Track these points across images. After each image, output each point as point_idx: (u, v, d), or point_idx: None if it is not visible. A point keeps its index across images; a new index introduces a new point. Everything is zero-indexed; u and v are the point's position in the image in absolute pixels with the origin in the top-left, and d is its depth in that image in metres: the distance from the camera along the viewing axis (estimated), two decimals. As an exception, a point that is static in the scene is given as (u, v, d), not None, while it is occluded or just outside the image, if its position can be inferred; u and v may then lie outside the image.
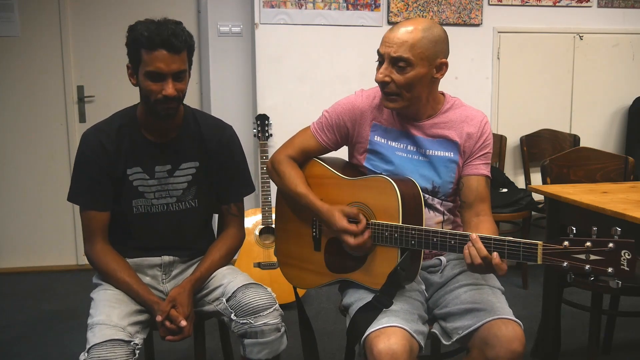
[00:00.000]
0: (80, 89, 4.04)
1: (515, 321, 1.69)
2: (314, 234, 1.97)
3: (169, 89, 1.81)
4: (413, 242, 1.71)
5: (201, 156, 2.00)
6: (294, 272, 2.07)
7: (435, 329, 1.83)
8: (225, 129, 2.06)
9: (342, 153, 2.07)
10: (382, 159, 1.90)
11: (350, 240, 1.78)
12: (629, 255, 1.40)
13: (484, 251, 1.56)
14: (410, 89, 1.79)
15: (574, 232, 1.47)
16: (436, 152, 1.88)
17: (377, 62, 1.83)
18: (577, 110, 4.21)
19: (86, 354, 1.71)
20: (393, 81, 1.78)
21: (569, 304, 2.69)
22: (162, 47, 1.78)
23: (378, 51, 1.82)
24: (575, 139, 3.95)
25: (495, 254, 1.55)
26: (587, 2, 4.12)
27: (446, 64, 1.82)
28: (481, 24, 4.01)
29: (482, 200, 1.87)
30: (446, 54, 1.82)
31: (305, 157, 2.01)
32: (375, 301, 1.74)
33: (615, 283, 1.42)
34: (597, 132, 4.26)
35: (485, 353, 1.66)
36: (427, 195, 1.87)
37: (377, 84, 1.86)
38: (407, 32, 1.76)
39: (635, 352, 2.93)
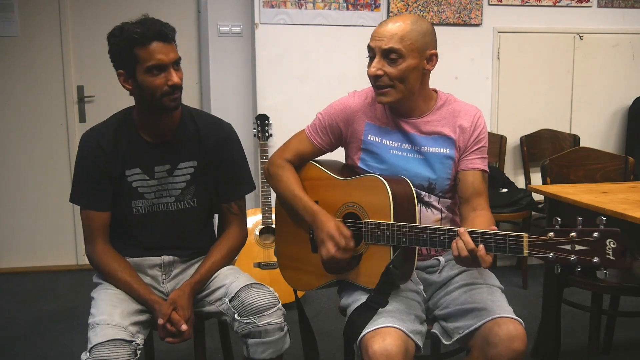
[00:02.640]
0: (80, 89, 4.04)
1: (516, 320, 1.69)
2: (311, 235, 1.96)
3: (174, 77, 1.83)
4: (404, 239, 1.71)
5: (199, 155, 2.00)
6: (292, 274, 2.07)
7: (436, 329, 1.83)
8: (223, 127, 2.06)
9: (339, 155, 2.07)
10: (376, 159, 1.90)
11: (332, 248, 1.79)
12: (614, 244, 1.38)
13: (471, 244, 1.56)
14: (403, 80, 1.80)
15: (559, 222, 1.45)
16: (431, 149, 1.88)
17: (368, 58, 1.84)
18: (577, 110, 4.21)
19: (88, 354, 1.71)
20: (386, 74, 1.79)
21: (569, 304, 2.69)
22: (156, 39, 1.80)
23: (368, 46, 1.83)
24: (575, 139, 3.95)
25: (481, 246, 1.55)
26: (587, 2, 4.12)
27: (436, 55, 1.84)
28: (481, 24, 4.01)
29: (479, 194, 1.87)
30: (435, 45, 1.84)
31: (301, 160, 2.02)
32: (370, 301, 1.74)
33: (602, 273, 1.41)
34: (597, 132, 4.26)
35: (486, 352, 1.66)
36: (423, 193, 1.88)
37: (370, 84, 1.87)
38: (395, 25, 1.79)
39: (635, 352, 2.93)
